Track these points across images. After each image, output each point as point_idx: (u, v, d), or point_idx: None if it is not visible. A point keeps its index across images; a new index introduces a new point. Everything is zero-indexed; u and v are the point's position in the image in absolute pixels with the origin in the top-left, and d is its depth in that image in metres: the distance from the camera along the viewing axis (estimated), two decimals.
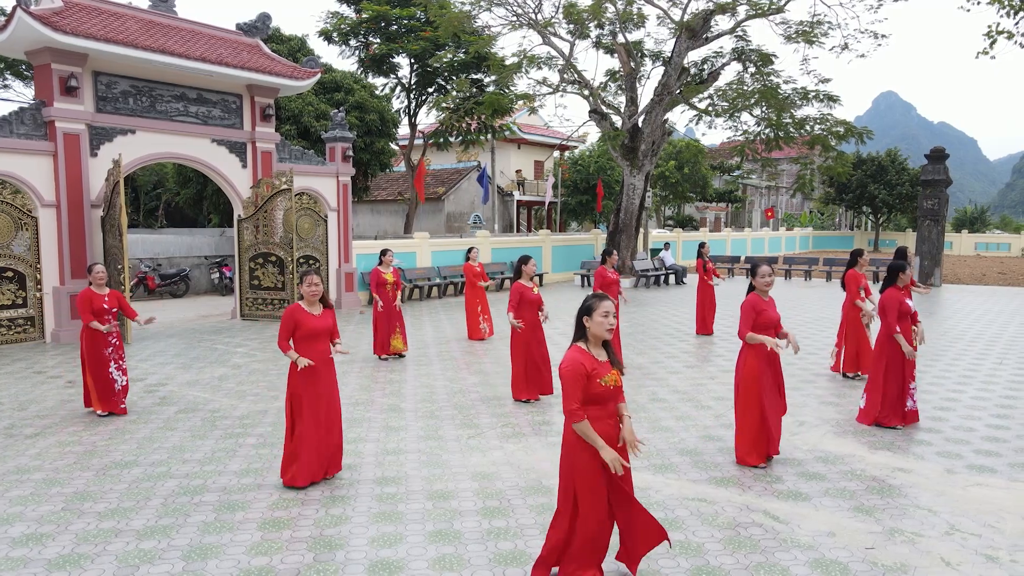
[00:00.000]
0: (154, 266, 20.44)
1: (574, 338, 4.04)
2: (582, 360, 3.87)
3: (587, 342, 3.98)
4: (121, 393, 7.88)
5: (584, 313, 3.97)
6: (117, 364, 7.85)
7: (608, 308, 3.93)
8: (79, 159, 12.84)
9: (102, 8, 13.43)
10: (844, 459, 6.33)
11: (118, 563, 4.43)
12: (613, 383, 3.92)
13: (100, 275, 7.83)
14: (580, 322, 3.99)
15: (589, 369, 3.85)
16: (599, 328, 3.91)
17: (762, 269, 6.16)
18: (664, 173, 42.55)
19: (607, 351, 4.02)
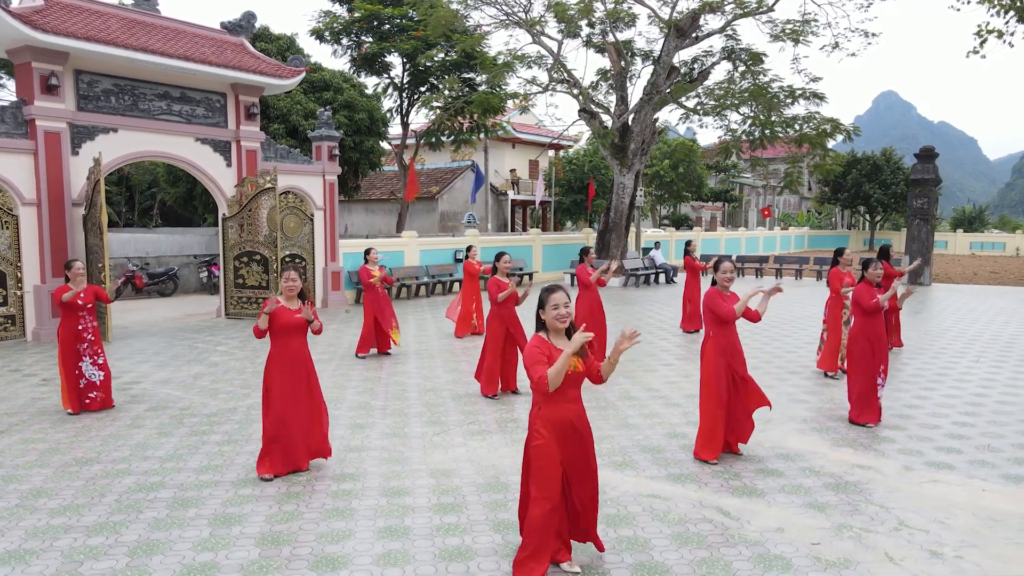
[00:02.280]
0: (142, 265, 20.45)
1: (536, 327, 4.21)
2: (539, 346, 4.03)
3: (547, 332, 4.13)
4: (99, 387, 7.87)
5: (540, 306, 4.14)
6: (92, 359, 7.83)
7: (558, 300, 4.07)
8: (60, 157, 12.84)
9: (84, 7, 13.44)
10: (805, 456, 6.33)
11: (63, 559, 4.43)
12: (573, 368, 3.99)
13: (79, 271, 7.79)
14: (538, 315, 4.18)
15: (547, 354, 3.98)
16: (551, 320, 4.07)
17: (724, 265, 6.21)
18: (659, 172, 42.58)
19: (569, 339, 4.10)
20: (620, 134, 23.00)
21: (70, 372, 7.71)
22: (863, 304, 7.13)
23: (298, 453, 5.80)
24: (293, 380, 5.79)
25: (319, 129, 17.38)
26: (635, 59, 24.85)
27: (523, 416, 7.61)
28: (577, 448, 4.13)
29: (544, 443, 4.02)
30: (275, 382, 5.75)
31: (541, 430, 4.04)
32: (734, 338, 6.17)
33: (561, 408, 4.04)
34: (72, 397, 7.72)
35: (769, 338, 12.61)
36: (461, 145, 30.31)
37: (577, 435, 4.11)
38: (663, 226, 47.83)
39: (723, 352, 6.06)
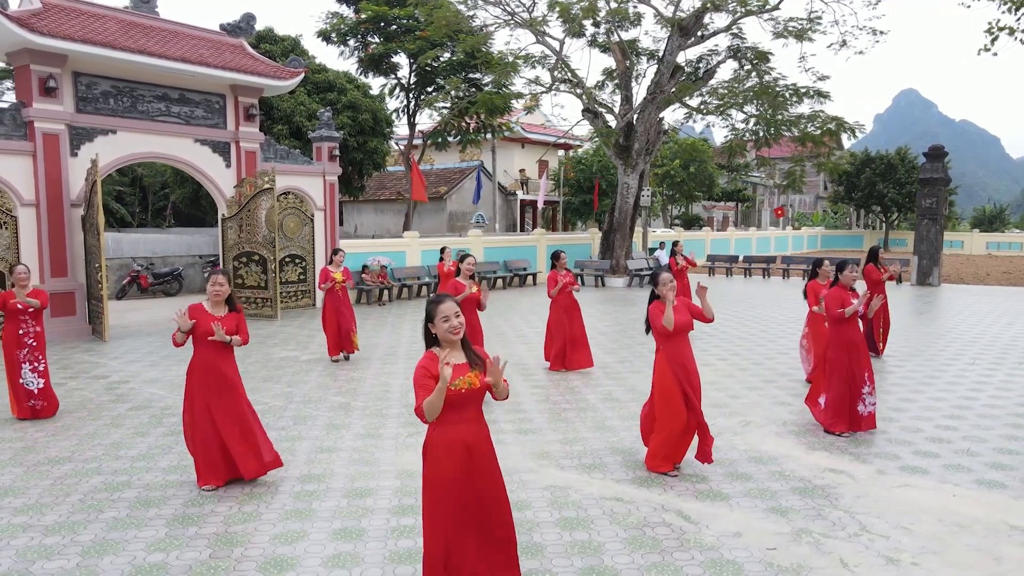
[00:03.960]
0: (147, 265, 20.63)
1: (426, 345, 3.83)
2: (428, 365, 3.64)
3: (440, 346, 3.76)
4: (37, 395, 7.60)
5: (427, 319, 3.75)
6: (32, 366, 7.59)
7: (447, 311, 3.69)
8: (59, 159, 12.99)
9: (82, 9, 13.58)
10: (778, 460, 6.25)
11: (16, 557, 4.47)
12: (468, 385, 3.63)
13: (21, 275, 7.56)
14: (426, 329, 3.78)
15: (434, 373, 3.59)
16: (442, 333, 3.70)
17: (663, 276, 5.93)
18: (670, 172, 42.35)
19: (466, 352, 3.78)
20: (624, 134, 22.89)
21: (13, 379, 7.54)
22: (829, 313, 7.00)
23: (223, 464, 5.56)
24: (214, 389, 5.57)
25: (319, 130, 17.46)
26: (640, 58, 24.73)
27: (499, 418, 7.58)
28: (477, 475, 3.70)
29: (438, 469, 3.66)
30: (195, 391, 5.55)
31: (434, 454, 3.68)
32: (685, 350, 5.90)
33: (460, 429, 3.65)
34: (18, 403, 7.58)
35: (764, 339, 12.48)
36: (467, 145, 30.30)
37: (476, 460, 3.69)
38: (674, 226, 47.58)
39: (673, 364, 5.82)
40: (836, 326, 7.03)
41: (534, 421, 7.49)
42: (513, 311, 16.75)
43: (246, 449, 5.65)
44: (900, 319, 14.96)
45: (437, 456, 3.68)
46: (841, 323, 6.98)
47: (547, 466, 6.11)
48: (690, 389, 5.85)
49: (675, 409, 5.79)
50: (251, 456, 5.67)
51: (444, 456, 3.66)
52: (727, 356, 10.97)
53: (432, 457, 3.71)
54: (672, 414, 5.79)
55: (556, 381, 9.38)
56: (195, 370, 5.60)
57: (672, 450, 5.90)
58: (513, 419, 7.55)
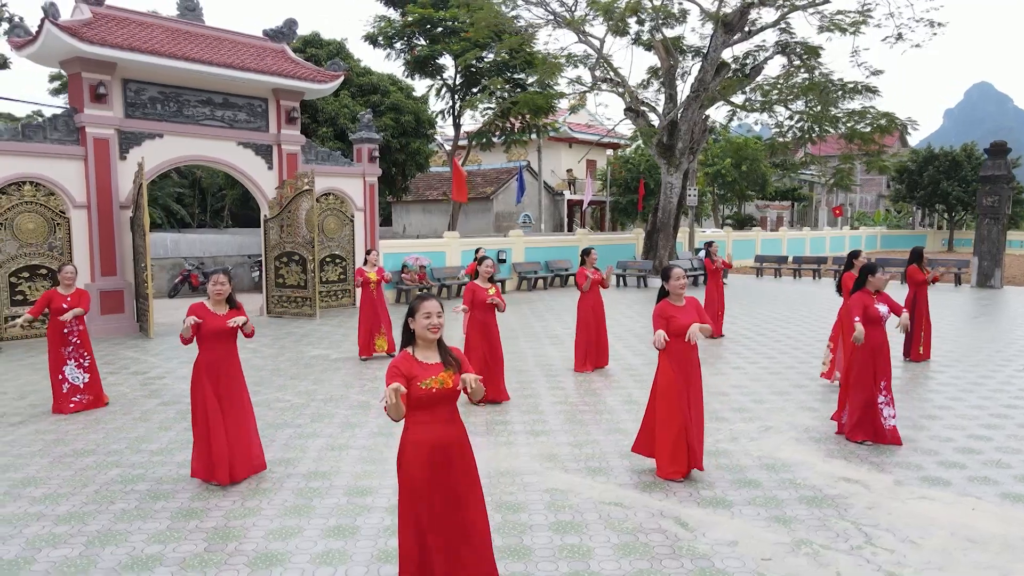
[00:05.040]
0: (198, 264, 21.32)
1: (402, 343, 3.85)
2: (399, 364, 3.66)
3: (414, 346, 3.78)
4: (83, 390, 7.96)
5: (408, 315, 3.79)
6: (78, 362, 7.95)
7: (431, 309, 3.72)
8: (108, 162, 13.53)
9: (130, 18, 14.12)
10: (792, 467, 6.06)
11: (25, 545, 4.66)
12: (439, 385, 3.63)
13: (68, 275, 7.92)
14: (405, 325, 3.80)
15: (405, 372, 3.60)
16: (421, 330, 3.72)
17: (675, 272, 5.77)
18: (720, 171, 41.59)
19: (441, 352, 3.79)
20: (668, 133, 22.56)
21: (54, 374, 7.88)
22: (850, 318, 6.71)
23: (223, 463, 5.62)
24: (219, 388, 5.68)
25: (360, 132, 17.73)
26: (685, 56, 24.33)
27: (513, 419, 7.57)
28: (452, 477, 3.69)
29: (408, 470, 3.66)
30: (201, 390, 5.66)
31: (404, 455, 3.69)
32: (691, 353, 5.77)
33: (431, 429, 3.65)
34: (56, 397, 7.92)
35: (801, 342, 12.12)
36: (512, 146, 30.32)
37: (452, 461, 3.69)
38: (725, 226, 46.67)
39: (675, 367, 5.70)
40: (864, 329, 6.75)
41: (548, 423, 7.44)
42: (551, 312, 16.69)
43: (238, 451, 5.73)
44: (952, 322, 14.33)
45: (406, 457, 3.70)
46: (868, 325, 6.71)
47: (552, 468, 6.06)
48: (691, 392, 5.75)
49: (675, 410, 5.68)
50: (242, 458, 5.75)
51: (412, 457, 3.66)
52: (758, 359, 10.70)
53: (402, 458, 3.72)
54: (674, 417, 5.68)
55: (579, 382, 9.30)
56: (200, 368, 5.72)
57: (678, 455, 5.76)
58: (527, 420, 7.52)
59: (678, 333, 5.62)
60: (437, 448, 3.67)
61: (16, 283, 12.75)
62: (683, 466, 5.72)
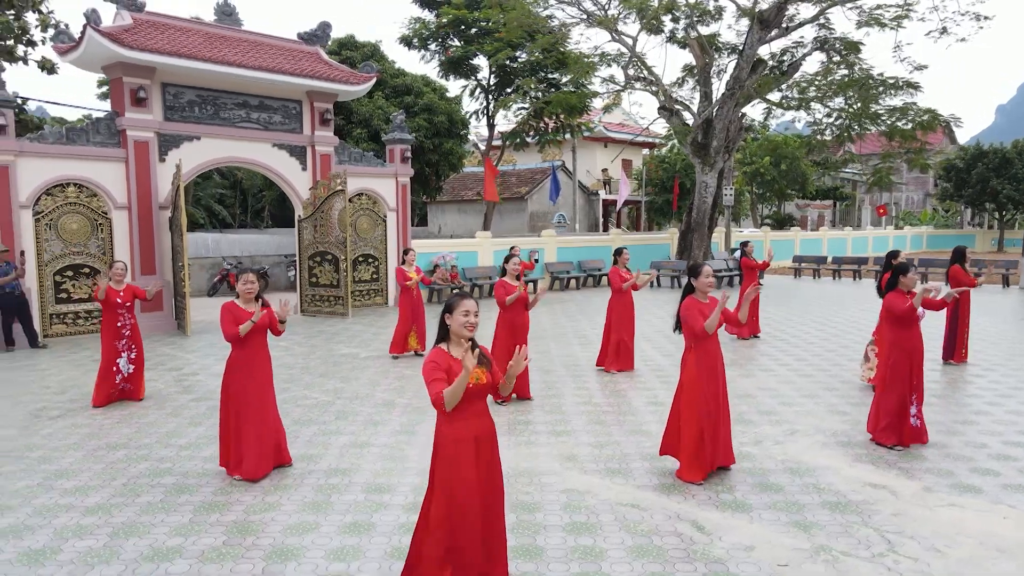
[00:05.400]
0: (236, 263, 21.73)
1: (437, 339, 3.95)
2: (437, 359, 3.78)
3: (449, 342, 3.90)
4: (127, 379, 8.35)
5: (446, 311, 3.90)
6: (128, 355, 8.33)
7: (469, 307, 3.84)
8: (148, 164, 13.89)
9: (169, 23, 14.46)
10: (816, 472, 5.93)
11: (53, 535, 4.81)
12: (475, 381, 3.76)
13: (118, 272, 8.40)
14: (442, 321, 3.92)
15: (444, 367, 3.75)
16: (458, 326, 3.82)
17: (705, 269, 5.80)
18: (759, 170, 40.94)
19: (473, 350, 3.84)
20: (703, 131, 22.28)
21: (107, 366, 8.22)
22: (895, 312, 6.54)
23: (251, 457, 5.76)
24: (251, 382, 5.81)
25: (392, 132, 17.89)
26: (721, 53, 24.00)
27: (536, 419, 7.55)
28: (486, 468, 3.85)
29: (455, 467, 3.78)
30: (234, 383, 5.80)
31: (450, 450, 3.80)
32: (717, 352, 5.76)
33: (470, 423, 3.81)
34: (99, 389, 8.22)
35: (836, 344, 11.85)
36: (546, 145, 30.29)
37: (483, 452, 3.85)
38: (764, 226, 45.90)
39: (702, 366, 5.67)
40: (899, 330, 6.58)
41: (571, 423, 7.41)
42: (582, 312, 16.62)
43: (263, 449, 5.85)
44: (995, 324, 13.88)
45: (450, 454, 3.79)
46: (904, 327, 6.53)
47: (571, 469, 6.04)
48: (718, 389, 5.72)
49: (701, 412, 5.64)
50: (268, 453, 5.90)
51: (456, 453, 3.78)
52: (790, 361, 10.50)
53: (445, 455, 3.80)
54: (697, 416, 5.63)
55: (604, 383, 9.25)
56: (234, 364, 5.87)
57: (700, 458, 5.69)
58: (550, 420, 7.50)
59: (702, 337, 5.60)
60: (480, 441, 3.83)
61: (61, 282, 13.17)
62: (702, 471, 5.66)
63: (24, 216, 12.69)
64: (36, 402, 8.47)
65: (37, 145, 12.82)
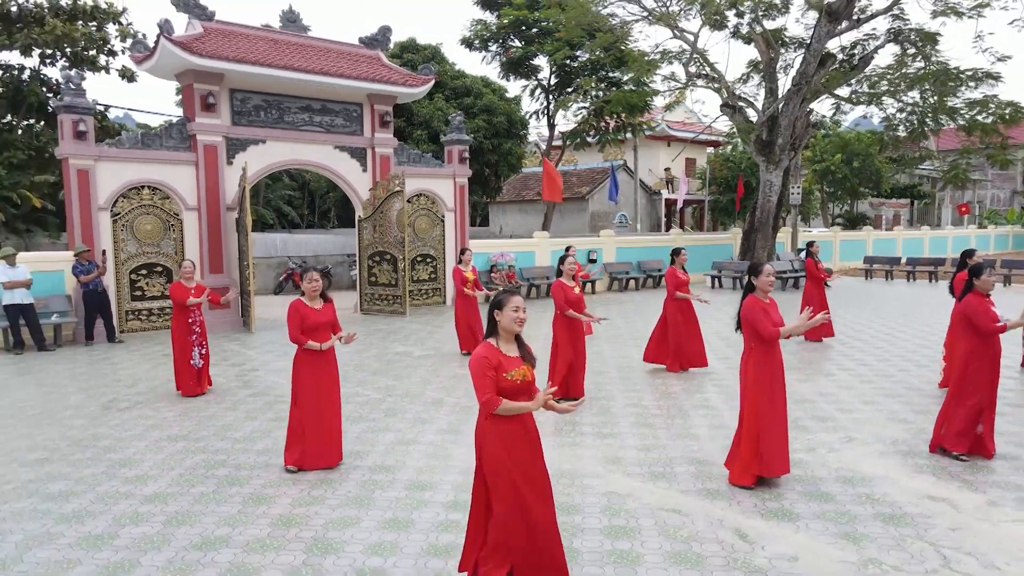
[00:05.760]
0: (301, 263, 22.35)
1: (485, 334, 4.06)
2: (487, 354, 3.88)
3: (497, 337, 3.99)
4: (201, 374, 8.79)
5: (495, 307, 3.97)
6: (199, 350, 8.77)
7: (518, 303, 3.94)
8: (216, 167, 14.43)
9: (237, 31, 14.98)
10: (872, 481, 5.69)
11: (112, 522, 5.05)
12: (522, 377, 3.88)
13: (187, 270, 8.82)
14: (491, 317, 4.00)
15: (494, 362, 3.85)
16: (508, 322, 3.91)
17: (766, 268, 5.69)
18: (830, 168, 39.62)
19: (519, 346, 4.02)
20: (768, 128, 21.69)
21: (184, 360, 8.67)
22: (978, 324, 6.09)
23: (314, 448, 5.98)
24: (317, 378, 6.01)
25: (450, 133, 18.07)
26: (787, 48, 23.31)
27: (582, 420, 7.50)
28: (528, 459, 3.92)
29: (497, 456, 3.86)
30: (301, 379, 6.02)
31: (492, 442, 3.88)
32: (778, 354, 5.62)
33: (509, 419, 3.86)
34: (182, 381, 8.68)
35: (903, 349, 11.35)
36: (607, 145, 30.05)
37: (527, 446, 3.92)
38: (834, 225, 44.36)
39: (763, 369, 5.54)
40: (979, 337, 6.19)
41: (618, 424, 7.33)
42: (640, 313, 16.43)
43: (330, 439, 6.10)
44: None
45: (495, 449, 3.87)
46: (986, 335, 6.15)
47: (614, 472, 5.97)
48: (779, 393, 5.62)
49: (759, 416, 5.53)
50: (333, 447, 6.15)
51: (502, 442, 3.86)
52: (852, 366, 10.11)
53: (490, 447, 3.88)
54: (758, 422, 5.52)
55: (655, 385, 9.11)
56: (302, 360, 6.09)
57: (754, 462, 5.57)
58: (596, 422, 7.44)
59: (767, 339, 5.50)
60: (523, 436, 3.90)
61: (136, 280, 13.82)
62: (752, 476, 5.55)
63: (103, 217, 13.37)
64: (108, 394, 8.91)
65: (115, 150, 13.50)
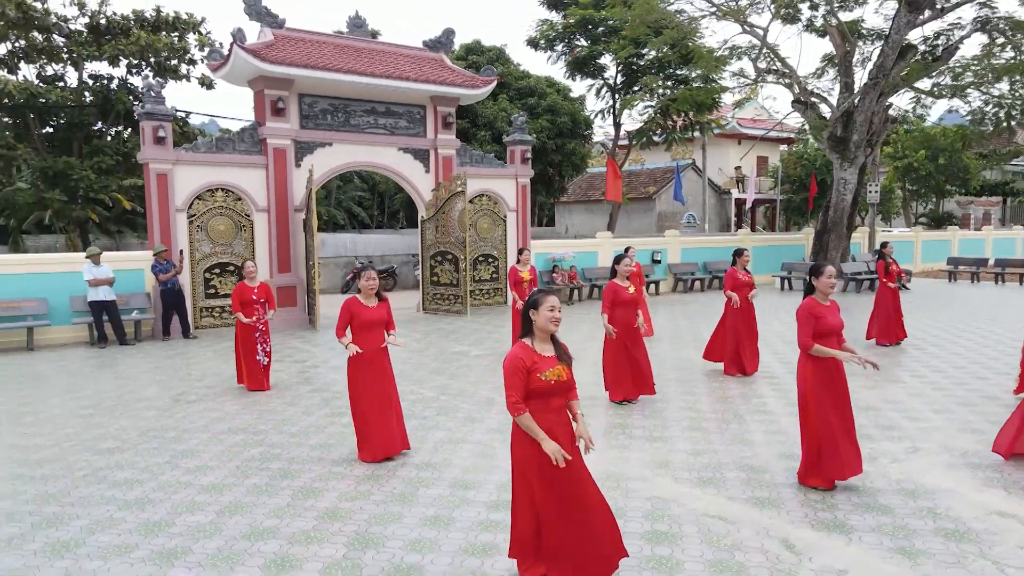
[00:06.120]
0: (367, 262, 22.84)
1: (521, 333, 4.08)
2: (521, 355, 3.90)
3: (533, 337, 4.01)
4: (264, 371, 9.10)
5: (531, 307, 4.00)
6: (263, 348, 9.07)
7: (554, 303, 3.97)
8: (285, 170, 14.92)
9: (306, 38, 15.44)
10: (935, 494, 5.41)
11: (171, 510, 5.28)
12: (556, 378, 3.90)
13: (250, 271, 9.15)
14: (527, 316, 4.02)
15: (528, 364, 3.87)
16: (544, 321, 3.94)
17: (828, 269, 5.54)
18: (912, 164, 37.84)
19: (555, 346, 4.03)
20: (843, 124, 20.89)
21: (251, 357, 8.98)
22: None
23: (380, 441, 6.18)
24: (371, 373, 6.20)
25: (513, 134, 18.14)
26: (864, 40, 22.38)
27: (634, 423, 7.41)
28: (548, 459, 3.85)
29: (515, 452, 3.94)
30: (359, 374, 6.20)
31: (516, 438, 3.96)
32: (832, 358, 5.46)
33: (545, 418, 3.88)
34: (251, 377, 9.01)
35: (984, 355, 10.73)
36: (672, 144, 29.55)
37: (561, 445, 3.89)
38: (916, 225, 42.34)
39: (820, 370, 5.40)
40: None
41: (670, 428, 7.20)
42: (703, 315, 16.09)
43: (392, 429, 6.29)
44: None
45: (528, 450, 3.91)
46: None
47: (661, 476, 5.87)
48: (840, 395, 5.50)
49: (822, 419, 5.40)
50: (397, 435, 6.34)
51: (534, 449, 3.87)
52: (925, 372, 9.63)
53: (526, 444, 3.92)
54: (817, 424, 5.39)
55: (712, 389, 8.91)
56: (357, 356, 6.24)
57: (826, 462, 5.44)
58: (648, 425, 7.33)
59: (824, 334, 5.42)
60: (559, 436, 3.90)
61: (209, 278, 14.42)
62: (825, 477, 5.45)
63: (180, 219, 14.00)
64: (179, 387, 9.33)
65: (191, 154, 14.12)
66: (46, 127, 23.03)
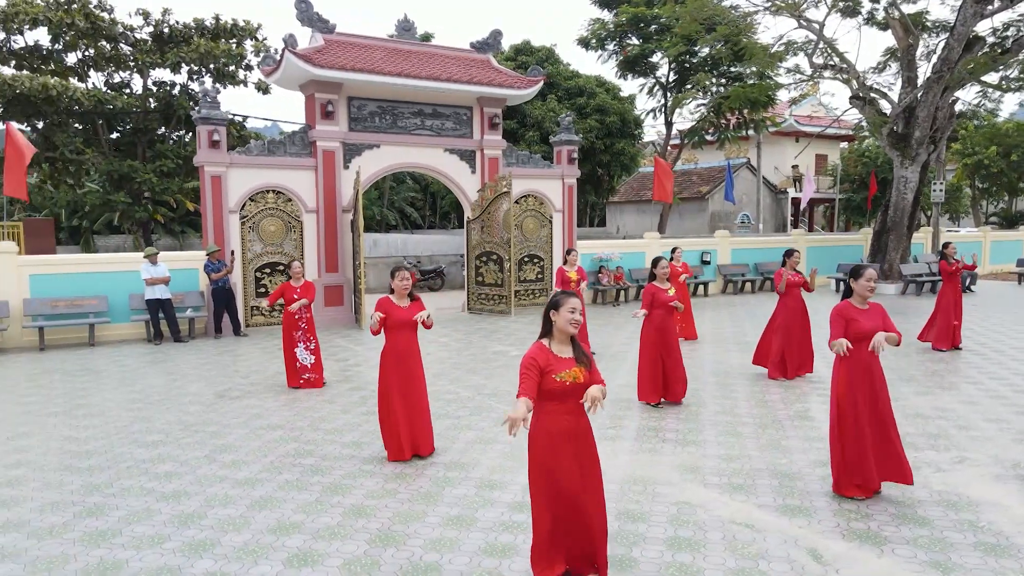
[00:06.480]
0: (416, 262, 23.14)
1: (540, 333, 4.07)
2: (536, 355, 3.89)
3: (551, 338, 4.00)
4: (310, 369, 9.26)
5: (552, 307, 4.00)
6: (306, 345, 9.26)
7: (575, 304, 3.95)
8: (334, 172, 15.21)
9: (354, 42, 15.72)
10: (979, 507, 5.17)
11: (203, 502, 5.45)
12: (572, 379, 3.87)
13: (296, 270, 9.36)
14: (547, 317, 4.02)
15: (542, 364, 3.86)
16: (564, 323, 3.93)
17: (867, 272, 5.36)
18: (982, 161, 36.21)
19: (574, 347, 4.02)
20: (904, 120, 20.15)
21: (289, 354, 9.20)
22: None
23: (400, 442, 6.22)
24: (402, 372, 6.25)
25: (559, 134, 18.08)
26: (929, 33, 21.54)
27: (667, 426, 7.29)
28: (576, 462, 3.92)
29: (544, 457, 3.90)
30: (388, 374, 6.26)
31: (539, 443, 3.92)
32: (871, 358, 5.27)
33: (560, 419, 3.88)
34: (290, 375, 9.22)
35: None
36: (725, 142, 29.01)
37: (576, 448, 3.91)
38: (987, 224, 40.49)
39: (854, 374, 5.23)
40: None
41: (703, 432, 7.07)
42: (751, 316, 15.75)
43: (421, 430, 6.36)
44: None
45: (542, 445, 3.91)
46: None
47: (690, 481, 5.76)
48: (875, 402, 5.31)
49: (846, 423, 5.26)
50: (426, 436, 6.40)
51: (547, 445, 3.89)
52: (982, 379, 9.21)
53: (537, 445, 3.93)
54: (848, 430, 5.25)
55: (752, 392, 8.70)
56: (387, 356, 6.35)
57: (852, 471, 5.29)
58: (681, 428, 7.21)
59: (857, 338, 5.27)
60: (568, 437, 3.90)
61: (260, 278, 14.82)
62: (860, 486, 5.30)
63: (232, 220, 14.42)
64: (224, 384, 9.61)
65: (243, 157, 14.53)
66: (113, 132, 24.03)
